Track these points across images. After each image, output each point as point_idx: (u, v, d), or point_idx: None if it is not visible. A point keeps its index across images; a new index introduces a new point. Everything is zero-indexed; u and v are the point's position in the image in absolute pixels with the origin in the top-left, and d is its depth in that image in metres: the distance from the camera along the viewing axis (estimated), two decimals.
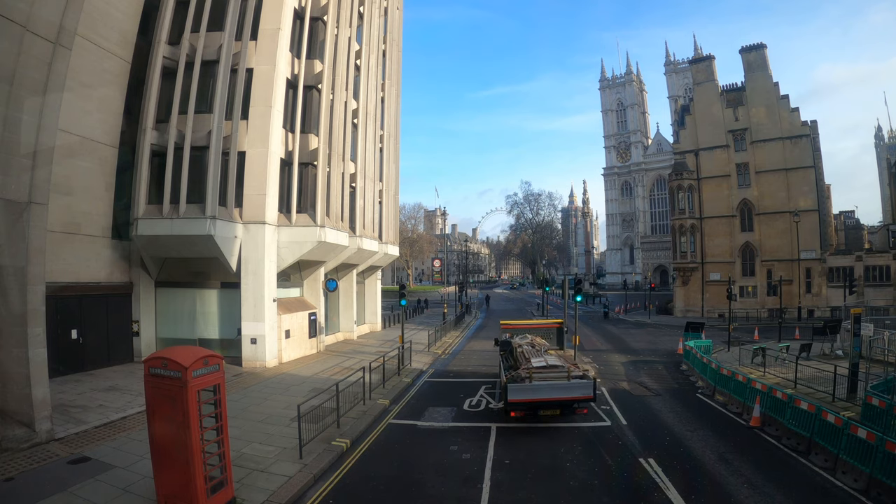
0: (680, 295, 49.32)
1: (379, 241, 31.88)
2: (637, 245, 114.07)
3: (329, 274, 28.71)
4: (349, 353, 26.72)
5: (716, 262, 48.74)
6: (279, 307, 23.86)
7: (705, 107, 51.51)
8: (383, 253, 31.99)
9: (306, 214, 23.46)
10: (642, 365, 24.13)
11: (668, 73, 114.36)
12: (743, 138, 50.04)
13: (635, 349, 28.91)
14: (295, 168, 23.59)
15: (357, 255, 28.51)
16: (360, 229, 27.69)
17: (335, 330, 30.84)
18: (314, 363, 23.72)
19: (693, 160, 50.43)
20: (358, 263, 30.40)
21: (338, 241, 24.52)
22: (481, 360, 24.94)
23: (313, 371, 22.01)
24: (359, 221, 27.60)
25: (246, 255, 22.50)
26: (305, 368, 22.55)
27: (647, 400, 17.80)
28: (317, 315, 26.50)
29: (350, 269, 30.73)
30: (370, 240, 29.40)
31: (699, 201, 49.40)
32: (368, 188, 29.94)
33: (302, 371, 21.97)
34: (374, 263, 33.04)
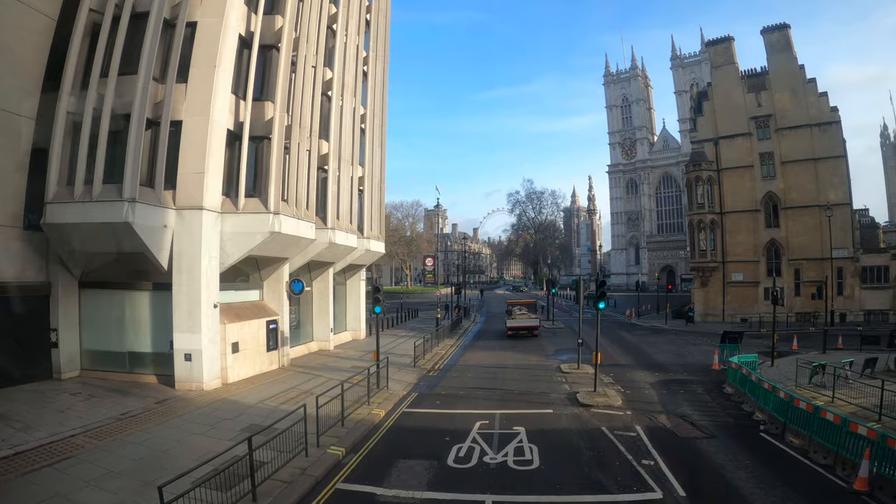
0: (699, 297, 44.10)
1: (359, 235, 26.89)
2: (643, 245, 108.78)
3: (297, 273, 23.70)
4: (318, 368, 21.72)
5: (738, 262, 43.51)
6: (225, 314, 18.89)
7: (725, 92, 46.31)
8: (364, 249, 26.98)
9: (257, 199, 18.50)
10: (676, 387, 19.02)
11: (675, 67, 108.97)
12: (766, 125, 44.82)
13: (661, 364, 23.79)
14: (245, 142, 18.67)
15: (330, 251, 23.52)
16: (332, 220, 22.69)
17: (307, 339, 25.84)
18: (269, 384, 18.73)
19: (712, 150, 45.26)
20: (333, 261, 25.39)
21: (299, 232, 19.51)
22: (478, 380, 19.89)
23: (262, 396, 17.02)
24: (331, 211, 22.59)
25: (179, 249, 17.60)
26: (254, 392, 17.56)
27: (699, 445, 12.71)
28: (278, 323, 21.49)
29: (325, 268, 25.72)
30: (347, 233, 24.40)
31: (720, 195, 44.18)
32: (345, 173, 24.95)
33: (247, 396, 16.99)
34: (356, 261, 28.04)
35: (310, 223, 20.24)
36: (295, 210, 19.41)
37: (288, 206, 19.07)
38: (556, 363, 23.23)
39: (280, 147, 18.80)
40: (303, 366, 22.30)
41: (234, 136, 18.87)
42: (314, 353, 25.21)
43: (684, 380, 20.36)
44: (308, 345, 25.63)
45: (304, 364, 22.69)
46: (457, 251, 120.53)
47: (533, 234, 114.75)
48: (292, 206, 19.18)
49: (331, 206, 22.49)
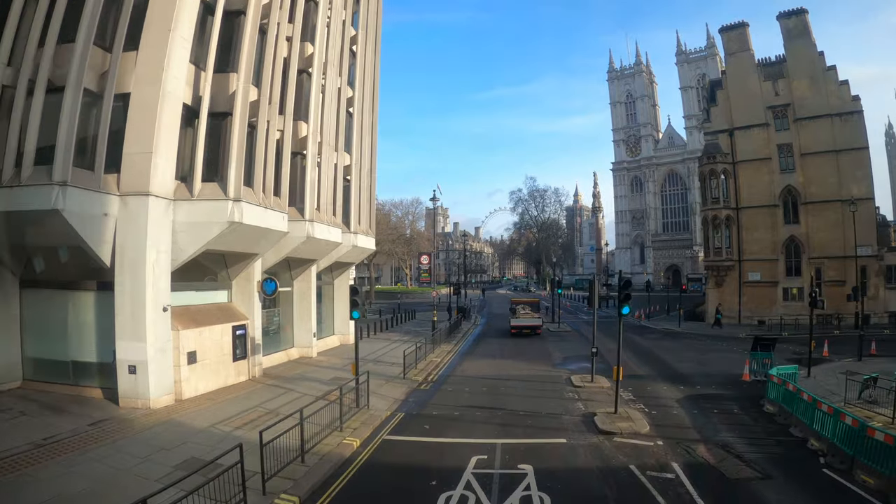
0: (713, 298, 41.05)
1: (345, 229, 23.99)
2: (648, 244, 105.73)
3: (273, 271, 20.84)
4: (294, 380, 18.86)
5: (755, 260, 40.44)
6: (180, 319, 16.05)
7: (740, 80, 43.28)
8: (351, 245, 24.05)
9: (216, 184, 15.61)
10: (708, 405, 16.06)
11: (680, 62, 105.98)
12: (785, 115, 41.79)
13: (684, 374, 20.82)
14: (204, 119, 15.83)
15: (309, 247, 20.63)
16: (310, 211, 19.78)
17: (287, 345, 22.96)
18: (231, 401, 15.86)
19: (727, 141, 42.21)
20: (314, 258, 22.49)
21: (266, 223, 16.62)
22: (477, 396, 16.90)
23: (217, 417, 14.15)
24: (309, 201, 19.68)
25: (122, 242, 14.79)
26: (209, 412, 14.69)
27: (755, 491, 9.80)
28: (247, 328, 18.62)
29: (306, 266, 22.84)
30: (329, 227, 21.46)
31: (735, 189, 41.14)
32: (327, 159, 22.05)
33: (200, 418, 14.12)
34: (342, 259, 25.14)
35: (280, 213, 17.33)
36: (262, 197, 16.51)
37: (253, 193, 16.18)
38: (565, 374, 20.28)
39: (243, 124, 15.91)
40: (278, 376, 19.43)
41: (192, 112, 16.03)
42: (294, 362, 22.33)
43: (714, 395, 17.40)
44: (288, 351, 22.75)
45: (279, 374, 19.82)
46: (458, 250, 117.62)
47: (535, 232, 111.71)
48: (258, 193, 16.28)
49: (309, 195, 19.59)
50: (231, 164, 15.37)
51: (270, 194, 16.97)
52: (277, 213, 17.16)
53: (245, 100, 16.15)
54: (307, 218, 19.42)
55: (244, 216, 15.30)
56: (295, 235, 19.13)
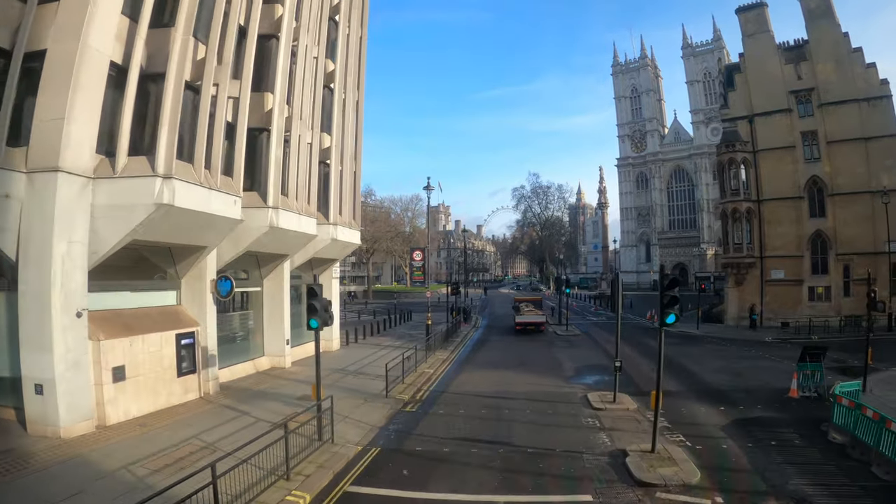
0: (733, 298, 37.59)
1: (323, 220, 20.77)
2: (654, 241, 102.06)
3: (232, 269, 17.61)
4: (255, 398, 15.64)
5: (778, 257, 36.94)
6: (104, 326, 12.87)
7: (759, 63, 39.78)
8: (330, 238, 20.79)
9: (143, 159, 12.35)
10: (760, 433, 12.74)
11: (686, 56, 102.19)
12: (808, 100, 38.29)
13: (719, 389, 17.49)
14: (134, 81, 12.59)
15: (275, 239, 17.38)
16: (275, 197, 16.50)
17: (256, 354, 19.75)
18: (167, 428, 12.66)
19: (746, 128, 38.70)
20: (286, 253, 19.25)
21: (210, 208, 13.37)
22: (473, 423, 13.54)
23: (141, 453, 10.96)
24: (273, 184, 16.40)
25: (27, 230, 11.64)
26: (135, 444, 11.51)
27: None
28: (196, 336, 15.38)
29: (277, 263, 19.61)
30: (299, 216, 18.19)
31: (756, 179, 37.65)
32: (301, 138, 18.77)
33: (117, 453, 10.95)
34: (320, 254, 21.89)
35: (231, 196, 14.08)
36: (204, 176, 13.26)
37: (192, 171, 12.94)
38: (580, 390, 16.91)
39: (179, 84, 12.67)
40: (237, 393, 16.22)
41: (118, 71, 12.80)
42: (262, 374, 19.10)
43: (764, 419, 14.07)
44: (256, 361, 19.53)
45: (241, 390, 16.62)
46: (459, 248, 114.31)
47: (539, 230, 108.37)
48: (199, 171, 13.03)
49: (273, 177, 16.33)
50: (162, 132, 12.15)
51: (217, 173, 13.72)
52: (226, 195, 13.91)
53: (183, 56, 12.90)
54: (270, 204, 16.16)
55: (177, 197, 12.05)
56: (255, 225, 15.91)
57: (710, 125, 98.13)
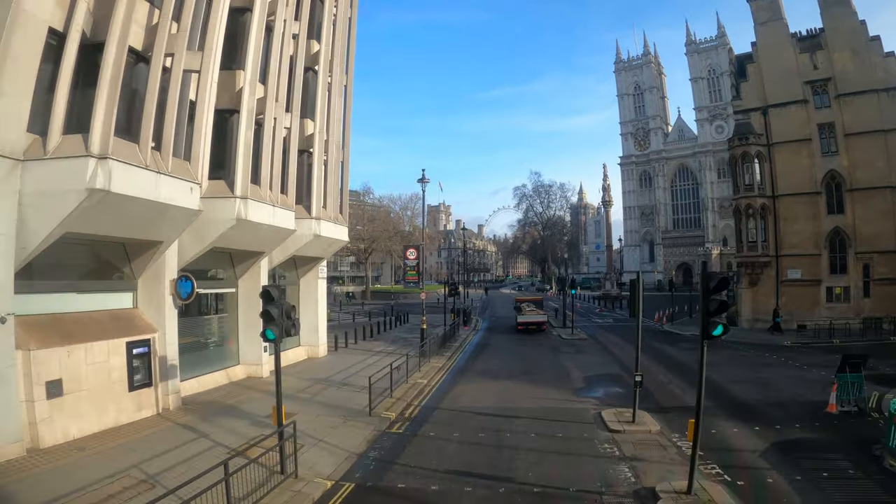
0: (747, 299, 35.46)
1: (304, 214, 18.76)
2: (658, 241, 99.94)
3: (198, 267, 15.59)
4: (219, 416, 13.63)
5: (795, 256, 34.81)
6: (41, 333, 10.93)
7: (773, 52, 37.66)
8: (312, 234, 18.77)
9: (78, 137, 10.33)
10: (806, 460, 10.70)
11: (690, 53, 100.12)
12: (825, 91, 36.15)
13: (747, 403, 15.42)
14: (73, 49, 10.59)
15: (245, 234, 15.37)
16: (243, 186, 14.45)
17: (229, 362, 17.75)
18: (110, 453, 10.70)
19: (760, 120, 36.58)
20: (261, 250, 17.23)
21: (158, 195, 11.34)
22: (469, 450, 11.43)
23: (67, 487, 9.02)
24: (242, 172, 14.36)
25: None
26: (65, 474, 9.59)
27: None
28: (153, 344, 13.38)
29: (253, 261, 17.59)
30: (274, 208, 16.12)
31: (771, 174, 35.55)
32: (276, 121, 16.72)
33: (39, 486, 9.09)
34: (303, 252, 19.88)
35: (183, 182, 12.04)
36: (151, 158, 11.23)
37: (135, 151, 10.91)
38: (592, 405, 14.80)
39: (121, 52, 10.67)
40: (202, 408, 14.21)
41: (55, 38, 10.80)
42: (236, 384, 17.08)
43: (805, 441, 12.02)
44: (230, 370, 17.52)
45: (206, 404, 14.61)
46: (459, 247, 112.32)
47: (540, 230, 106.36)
48: (144, 152, 11.00)
49: (242, 163, 14.31)
50: (98, 105, 10.13)
51: (169, 156, 11.69)
52: (181, 182, 11.89)
53: (128, 17, 10.88)
54: (238, 194, 14.14)
55: (114, 181, 10.04)
56: (220, 217, 13.90)
57: (715, 123, 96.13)
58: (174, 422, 13.08)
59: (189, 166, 12.65)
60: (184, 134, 12.88)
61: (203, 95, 12.97)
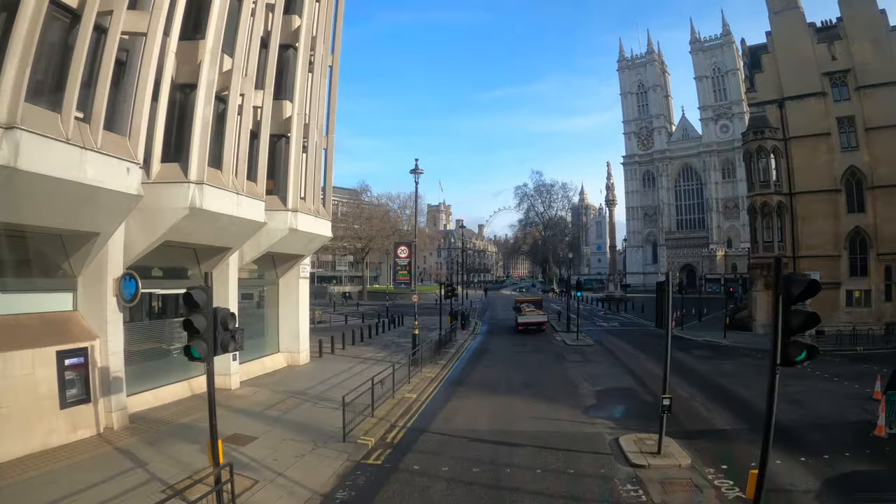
0: (762, 303, 33.36)
1: (282, 206, 16.75)
2: (661, 242, 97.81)
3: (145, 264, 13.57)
4: (166, 439, 11.63)
5: (813, 257, 32.79)
6: None
7: (789, 42, 35.65)
8: (288, 228, 16.71)
9: None
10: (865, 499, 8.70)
11: (695, 51, 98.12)
12: (844, 83, 34.16)
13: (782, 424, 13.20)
14: None
15: (204, 224, 13.34)
16: (200, 170, 12.37)
17: (193, 372, 15.66)
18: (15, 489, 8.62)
19: (776, 113, 34.56)
20: (227, 245, 15.20)
21: (82, 176, 9.32)
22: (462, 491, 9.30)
23: None
24: (197, 153, 12.28)
25: None
26: None
27: None
28: (91, 353, 11.37)
29: (220, 257, 15.57)
30: (240, 196, 14.07)
31: (788, 170, 33.51)
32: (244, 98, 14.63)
33: None
34: (278, 248, 17.84)
35: (116, 161, 10.00)
36: (74, 130, 9.19)
37: (56, 122, 8.87)
38: (606, 429, 12.61)
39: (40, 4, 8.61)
40: (151, 428, 12.19)
41: None
42: (199, 398, 15.00)
43: (861, 475, 10.00)
44: (193, 381, 15.50)
45: (156, 422, 12.60)
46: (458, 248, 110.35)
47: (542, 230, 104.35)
48: (65, 122, 8.97)
49: (199, 144, 12.28)
50: (9, 67, 8.11)
51: (99, 130, 9.67)
52: (111, 160, 9.87)
53: None
54: (193, 178, 12.11)
55: (22, 157, 8.00)
56: (170, 205, 11.88)
57: (720, 122, 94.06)
58: (114, 445, 11.07)
59: (128, 143, 10.62)
60: (126, 108, 10.87)
61: (148, 62, 10.95)
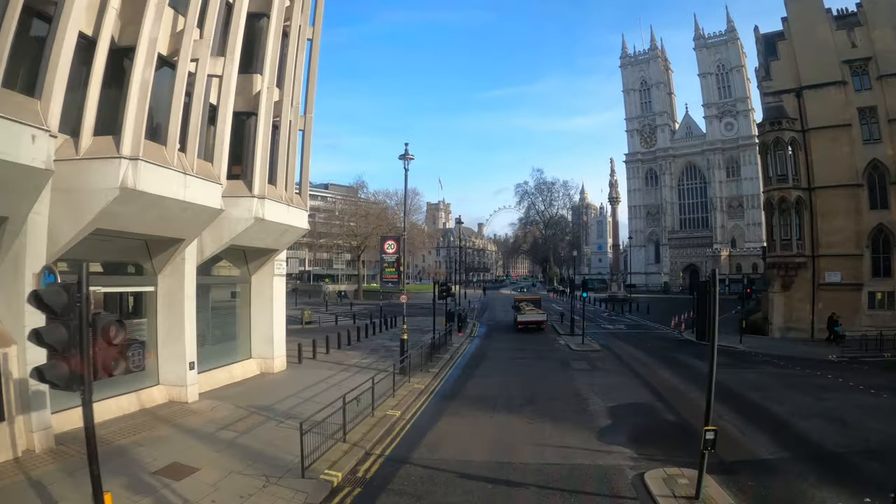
0: (779, 305, 31.19)
1: (246, 192, 14.59)
2: (664, 241, 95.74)
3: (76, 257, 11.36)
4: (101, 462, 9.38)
5: (833, 256, 30.59)
6: None
7: (806, 28, 33.48)
8: (253, 216, 14.46)
9: None
10: None
11: (699, 48, 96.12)
12: (865, 71, 32.01)
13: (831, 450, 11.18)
14: None
15: (143, 210, 11.16)
16: (135, 144, 10.12)
17: (145, 382, 13.59)
18: None
19: (794, 103, 32.40)
20: (179, 237, 13.04)
21: None
22: None
23: None
24: (132, 125, 10.05)
25: None
26: None
27: None
28: (3, 362, 9.24)
29: (172, 250, 13.40)
30: (187, 177, 11.85)
31: (807, 163, 31.37)
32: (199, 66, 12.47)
33: None
34: (243, 242, 15.67)
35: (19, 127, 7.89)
36: None
37: None
38: (626, 460, 10.30)
39: None
40: (80, 451, 10.03)
41: None
42: (149, 413, 12.89)
43: None
44: (144, 394, 13.36)
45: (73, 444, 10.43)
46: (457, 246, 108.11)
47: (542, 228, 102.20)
48: None
49: (134, 114, 10.11)
50: None
51: None
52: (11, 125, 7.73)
53: None
54: (126, 153, 9.95)
55: None
56: (96, 186, 9.72)
57: (724, 119, 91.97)
58: (28, 474, 8.96)
59: (38, 106, 8.49)
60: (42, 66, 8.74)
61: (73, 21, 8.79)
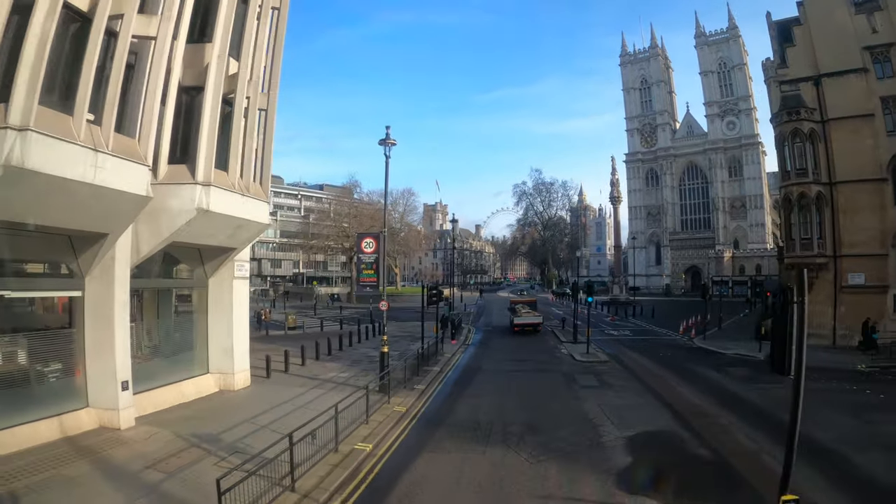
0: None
1: (188, 178, 12.18)
2: (665, 242, 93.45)
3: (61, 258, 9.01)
4: None
5: (856, 256, 28.23)
6: None
7: (823, 12, 31.20)
8: (196, 207, 11.87)
9: None
10: None
11: (700, 45, 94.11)
12: (887, 58, 29.75)
13: None
14: None
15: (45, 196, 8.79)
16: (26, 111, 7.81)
17: (69, 405, 11.20)
18: None
19: (812, 92, 30.12)
20: (102, 231, 10.66)
21: None
22: None
23: None
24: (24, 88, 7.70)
25: None
26: None
27: None
28: None
29: (97, 246, 11.01)
30: (101, 155, 9.47)
31: (827, 156, 29.08)
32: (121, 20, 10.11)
33: None
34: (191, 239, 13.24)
35: None
36: None
37: None
38: None
39: None
40: None
41: None
42: (70, 441, 10.46)
43: None
44: (67, 419, 10.96)
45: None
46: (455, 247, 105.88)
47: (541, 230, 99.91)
48: None
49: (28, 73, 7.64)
50: None
51: None
52: None
53: None
54: (16, 123, 7.55)
55: None
56: None
57: (726, 118, 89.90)
58: None
59: None
60: None
61: None
